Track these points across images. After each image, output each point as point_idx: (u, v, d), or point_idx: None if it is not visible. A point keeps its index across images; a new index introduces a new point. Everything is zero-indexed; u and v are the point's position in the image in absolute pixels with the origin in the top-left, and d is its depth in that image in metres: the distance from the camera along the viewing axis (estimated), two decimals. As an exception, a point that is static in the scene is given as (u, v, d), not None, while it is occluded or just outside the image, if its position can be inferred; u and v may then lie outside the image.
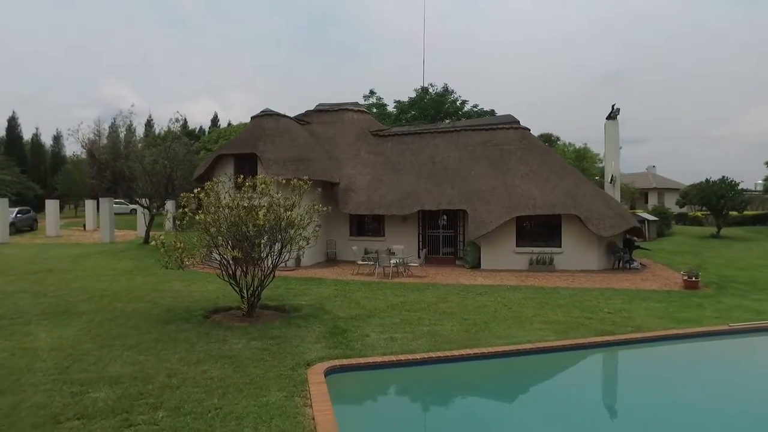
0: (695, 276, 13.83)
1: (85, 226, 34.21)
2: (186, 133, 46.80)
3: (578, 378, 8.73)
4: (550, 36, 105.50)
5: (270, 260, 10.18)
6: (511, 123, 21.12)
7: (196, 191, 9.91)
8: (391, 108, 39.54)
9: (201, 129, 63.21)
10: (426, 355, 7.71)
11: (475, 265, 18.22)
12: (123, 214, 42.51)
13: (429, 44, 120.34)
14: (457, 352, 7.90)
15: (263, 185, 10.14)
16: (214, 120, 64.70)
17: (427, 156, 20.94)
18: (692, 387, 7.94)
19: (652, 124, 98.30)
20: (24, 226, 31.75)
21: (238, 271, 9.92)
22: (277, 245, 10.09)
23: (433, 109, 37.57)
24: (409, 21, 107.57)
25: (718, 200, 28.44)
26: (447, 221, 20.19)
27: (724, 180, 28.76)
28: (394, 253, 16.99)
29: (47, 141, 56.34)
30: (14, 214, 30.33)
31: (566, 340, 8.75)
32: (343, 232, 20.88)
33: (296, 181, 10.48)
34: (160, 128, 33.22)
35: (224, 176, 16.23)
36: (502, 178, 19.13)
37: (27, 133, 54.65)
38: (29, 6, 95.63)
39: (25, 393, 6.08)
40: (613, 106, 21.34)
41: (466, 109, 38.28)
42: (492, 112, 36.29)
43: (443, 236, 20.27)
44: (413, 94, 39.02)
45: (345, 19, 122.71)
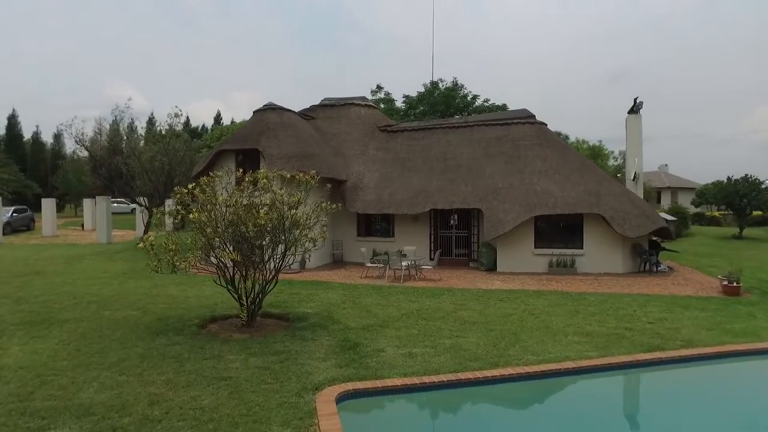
0: (736, 281, 12.67)
1: (83, 226, 33.33)
2: (188, 131, 45.86)
3: (633, 404, 7.59)
4: (558, 36, 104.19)
5: (272, 264, 9.13)
6: (527, 117, 19.99)
7: (190, 186, 8.86)
8: (399, 103, 38.09)
9: (204, 127, 62.24)
10: (453, 376, 6.60)
11: (491, 268, 17.12)
12: (124, 213, 41.63)
13: (437, 44, 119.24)
14: (489, 372, 6.79)
15: (265, 180, 9.08)
16: (217, 118, 63.79)
17: (438, 152, 19.82)
18: None
19: (659, 123, 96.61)
20: (20, 226, 30.86)
21: (237, 276, 8.89)
22: (281, 247, 9.03)
23: (443, 104, 36.08)
24: (417, 21, 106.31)
25: (741, 199, 27.22)
26: (459, 221, 19.08)
27: (747, 178, 27.52)
28: (405, 254, 15.90)
29: (48, 140, 55.61)
30: (10, 213, 29.49)
31: (611, 357, 7.63)
32: (350, 232, 19.79)
33: (302, 176, 9.40)
34: (160, 125, 32.24)
35: (222, 171, 15.10)
36: (519, 176, 18.00)
37: (29, 132, 53.98)
38: (37, 8, 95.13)
39: (-26, 428, 5.05)
40: (635, 99, 20.10)
41: (477, 104, 36.72)
42: (504, 107, 34.91)
43: (456, 237, 19.16)
44: (422, 89, 37.59)
45: (352, 18, 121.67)
